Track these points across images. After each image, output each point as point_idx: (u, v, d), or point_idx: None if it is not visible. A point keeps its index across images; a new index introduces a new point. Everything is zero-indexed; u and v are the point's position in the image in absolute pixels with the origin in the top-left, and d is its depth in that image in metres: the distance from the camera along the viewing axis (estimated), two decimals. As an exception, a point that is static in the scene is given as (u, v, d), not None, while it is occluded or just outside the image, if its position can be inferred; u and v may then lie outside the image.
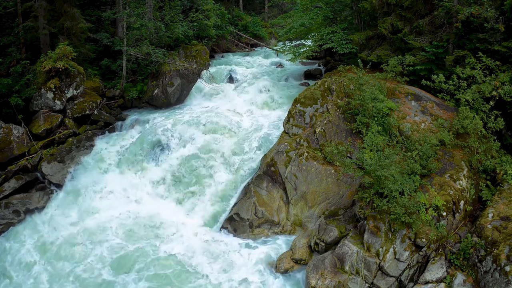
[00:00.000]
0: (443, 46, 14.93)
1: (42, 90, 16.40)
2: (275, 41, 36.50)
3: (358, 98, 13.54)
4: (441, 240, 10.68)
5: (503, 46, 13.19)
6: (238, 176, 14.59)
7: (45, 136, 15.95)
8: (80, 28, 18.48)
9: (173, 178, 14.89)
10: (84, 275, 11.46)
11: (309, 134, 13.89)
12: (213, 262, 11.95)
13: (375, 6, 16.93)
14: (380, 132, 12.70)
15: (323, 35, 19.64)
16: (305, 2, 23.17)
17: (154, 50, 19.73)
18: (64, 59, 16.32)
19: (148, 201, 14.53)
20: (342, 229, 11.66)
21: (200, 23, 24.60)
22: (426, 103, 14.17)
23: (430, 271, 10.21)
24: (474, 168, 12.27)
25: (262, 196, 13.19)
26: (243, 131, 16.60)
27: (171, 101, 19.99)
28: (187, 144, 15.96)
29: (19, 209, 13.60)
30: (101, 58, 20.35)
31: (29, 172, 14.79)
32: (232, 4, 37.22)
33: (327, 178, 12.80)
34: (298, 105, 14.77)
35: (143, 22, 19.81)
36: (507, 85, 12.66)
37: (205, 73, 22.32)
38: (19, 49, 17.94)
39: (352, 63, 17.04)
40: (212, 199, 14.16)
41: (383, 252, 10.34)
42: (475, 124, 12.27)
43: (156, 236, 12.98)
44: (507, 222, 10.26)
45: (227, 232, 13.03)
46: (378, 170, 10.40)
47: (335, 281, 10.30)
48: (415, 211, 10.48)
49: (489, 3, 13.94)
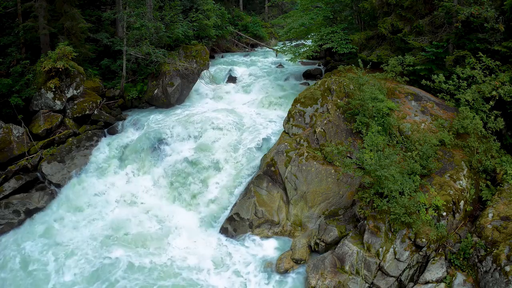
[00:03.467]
0: (443, 46, 14.93)
1: (42, 90, 16.40)
2: (275, 41, 36.55)
3: (358, 98, 13.54)
4: (441, 240, 10.68)
5: (503, 46, 13.19)
6: (238, 176, 14.58)
7: (45, 136, 15.95)
8: (80, 28, 18.48)
9: (173, 178, 14.87)
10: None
11: (309, 134, 13.88)
12: (211, 261, 11.95)
13: (375, 6, 16.95)
14: (380, 132, 12.70)
15: (323, 35, 19.66)
16: (305, 2, 23.19)
17: (154, 50, 19.73)
18: (64, 59, 16.32)
19: (147, 201, 14.53)
20: (342, 229, 11.66)
21: (200, 23, 24.61)
22: (426, 103, 14.17)
23: (430, 271, 10.21)
24: (474, 168, 12.27)
25: (262, 196, 13.19)
26: (242, 131, 16.59)
27: (171, 101, 19.99)
28: (187, 144, 15.98)
29: (19, 209, 13.59)
30: (101, 58, 20.35)
31: (29, 172, 14.78)
32: (232, 4, 37.26)
33: (327, 178, 12.80)
34: (298, 105, 14.77)
35: (143, 22, 19.81)
36: (507, 85, 12.66)
37: (205, 73, 22.33)
38: (19, 49, 17.93)
39: (352, 63, 17.05)
40: (212, 199, 14.15)
41: (383, 252, 10.34)
42: (475, 124, 12.27)
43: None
44: (507, 222, 10.26)
45: (226, 232, 13.03)
46: (378, 170, 10.40)
47: (335, 281, 10.30)
48: (415, 211, 10.49)
49: (489, 3, 13.94)
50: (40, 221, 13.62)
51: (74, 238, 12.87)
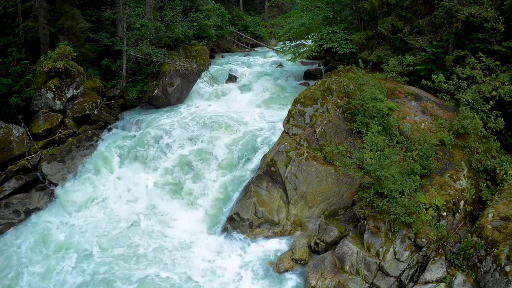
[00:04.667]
0: (443, 46, 14.93)
1: (42, 90, 16.40)
2: (275, 41, 36.54)
3: (358, 98, 13.54)
4: (441, 240, 10.68)
5: (503, 46, 13.18)
6: (238, 176, 14.59)
7: (45, 136, 15.96)
8: (80, 28, 18.49)
9: (173, 178, 14.88)
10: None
11: (309, 134, 13.88)
12: (211, 261, 11.96)
13: (375, 6, 16.94)
14: (380, 132, 12.69)
15: (323, 35, 19.65)
16: (305, 2, 23.19)
17: (154, 50, 19.74)
18: (64, 59, 16.33)
19: (147, 200, 14.54)
20: (342, 229, 11.66)
21: (200, 23, 24.62)
22: (426, 103, 14.17)
23: (430, 271, 10.20)
24: (474, 168, 12.27)
25: (262, 196, 13.18)
26: (242, 130, 16.60)
27: (171, 101, 19.99)
28: (187, 144, 15.99)
29: (19, 209, 13.60)
30: (101, 58, 20.35)
31: (29, 172, 14.79)
32: (232, 4, 37.26)
33: (327, 178, 12.80)
34: (298, 105, 14.76)
35: (143, 22, 19.82)
36: (507, 85, 12.65)
37: (205, 73, 22.33)
38: (19, 49, 17.94)
39: (352, 63, 17.05)
40: (212, 199, 14.15)
41: (383, 252, 10.34)
42: (475, 124, 12.26)
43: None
44: (507, 222, 10.26)
45: (226, 232, 13.03)
46: (378, 170, 10.39)
47: (335, 281, 10.30)
48: (415, 211, 10.48)
49: (489, 3, 13.93)
50: (40, 221, 13.62)
51: (74, 238, 12.87)
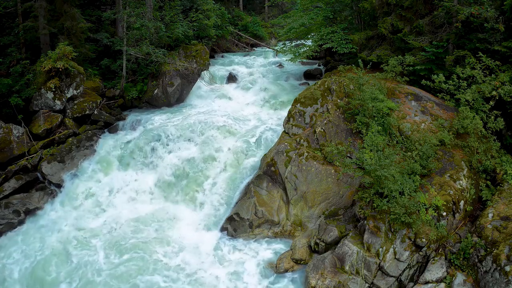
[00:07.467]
0: (443, 46, 14.93)
1: (42, 90, 16.40)
2: (275, 41, 36.55)
3: (358, 98, 13.54)
4: (441, 240, 10.68)
5: (503, 46, 13.18)
6: (238, 176, 14.58)
7: (45, 136, 15.95)
8: (80, 28, 18.48)
9: (173, 178, 14.88)
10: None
11: (309, 134, 13.88)
12: (211, 261, 11.95)
13: (375, 6, 16.95)
14: (380, 132, 12.69)
15: (323, 35, 19.65)
16: (305, 2, 23.20)
17: (154, 50, 19.74)
18: (64, 59, 16.32)
19: (147, 200, 14.54)
20: (342, 229, 11.66)
21: (200, 23, 24.61)
22: (426, 103, 14.17)
23: (430, 271, 10.21)
24: (474, 168, 12.27)
25: (262, 196, 13.19)
26: (242, 130, 16.60)
27: (171, 101, 19.99)
28: (187, 144, 15.98)
29: (19, 209, 13.59)
30: (101, 58, 20.34)
31: (29, 172, 14.78)
32: (232, 4, 37.25)
33: (327, 178, 12.80)
34: (298, 105, 14.77)
35: (143, 22, 19.81)
36: (507, 85, 12.65)
37: (205, 73, 22.33)
38: (19, 49, 17.93)
39: (352, 63, 17.05)
40: (211, 199, 14.14)
41: (383, 252, 10.34)
42: (475, 124, 12.27)
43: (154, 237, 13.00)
44: (507, 222, 10.26)
45: (226, 232, 13.03)
46: (378, 170, 10.39)
47: (335, 281, 10.30)
48: (415, 211, 10.48)
49: (489, 3, 13.95)
50: (40, 221, 13.62)
51: (74, 238, 12.86)
